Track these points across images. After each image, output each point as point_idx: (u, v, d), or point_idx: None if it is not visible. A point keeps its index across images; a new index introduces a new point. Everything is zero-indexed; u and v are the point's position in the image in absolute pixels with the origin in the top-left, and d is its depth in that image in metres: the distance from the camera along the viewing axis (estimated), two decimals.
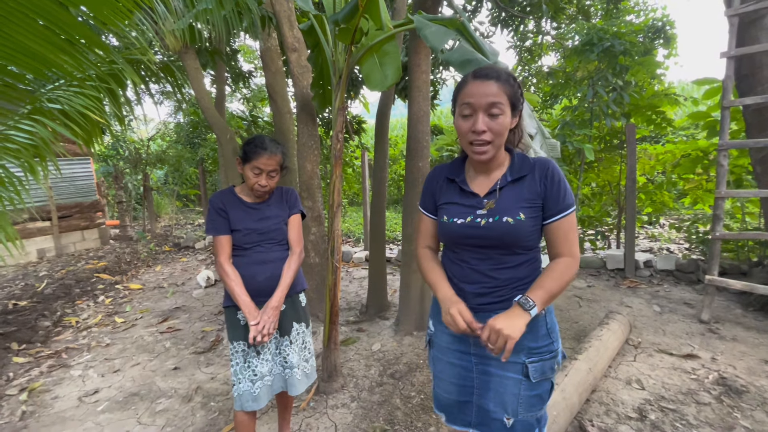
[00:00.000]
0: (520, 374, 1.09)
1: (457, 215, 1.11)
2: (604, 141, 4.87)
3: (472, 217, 1.08)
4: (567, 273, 1.04)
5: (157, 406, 2.30)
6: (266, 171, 1.54)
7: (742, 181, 4.10)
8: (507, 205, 1.06)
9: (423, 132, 2.90)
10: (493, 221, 1.05)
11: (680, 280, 4.05)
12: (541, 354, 1.10)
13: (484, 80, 1.00)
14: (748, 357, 2.53)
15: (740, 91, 3.26)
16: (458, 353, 1.18)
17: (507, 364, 1.10)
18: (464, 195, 1.13)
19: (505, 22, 6.30)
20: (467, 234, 1.09)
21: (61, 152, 2.67)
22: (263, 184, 1.55)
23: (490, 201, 1.07)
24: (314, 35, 2.20)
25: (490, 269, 1.10)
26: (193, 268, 5.54)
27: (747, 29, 3.10)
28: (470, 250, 1.12)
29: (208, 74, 7.30)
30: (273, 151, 1.54)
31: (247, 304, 1.50)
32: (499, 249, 1.08)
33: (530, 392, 1.09)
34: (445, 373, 1.21)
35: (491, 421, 1.13)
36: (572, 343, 2.78)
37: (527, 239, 1.06)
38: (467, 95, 1.02)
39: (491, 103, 0.99)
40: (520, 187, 1.08)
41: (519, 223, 1.04)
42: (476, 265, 1.11)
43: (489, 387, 1.13)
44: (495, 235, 1.05)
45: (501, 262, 1.09)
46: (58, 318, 3.77)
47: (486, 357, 1.14)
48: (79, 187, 7.01)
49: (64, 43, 1.50)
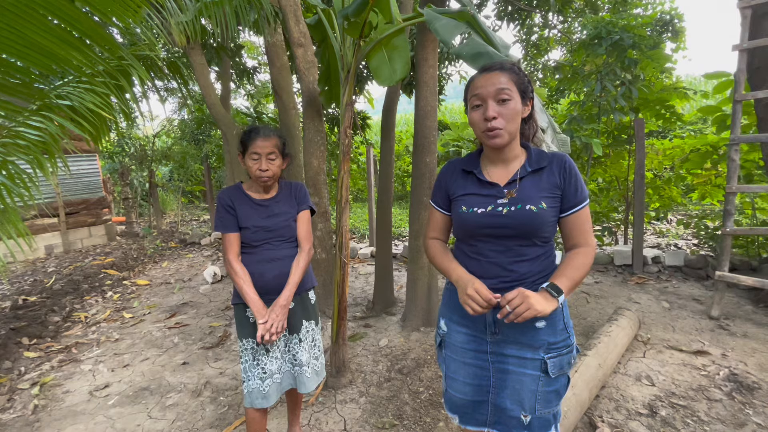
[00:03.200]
0: (539, 370, 1.09)
1: (477, 205, 1.11)
2: (612, 136, 4.82)
3: (493, 206, 1.09)
4: (587, 262, 1.06)
5: (167, 401, 2.31)
6: (264, 154, 1.52)
7: (753, 176, 4.06)
8: (529, 194, 1.07)
9: (430, 127, 2.88)
10: (515, 209, 1.06)
11: (689, 276, 4.01)
12: (559, 349, 1.10)
13: (489, 72, 1.06)
14: (759, 353, 2.50)
15: (752, 85, 3.21)
16: (474, 353, 1.17)
17: (525, 360, 1.10)
18: (483, 185, 1.13)
19: (512, 16, 6.23)
20: (488, 223, 1.09)
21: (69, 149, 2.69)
22: (264, 168, 1.53)
23: (510, 190, 1.08)
24: (321, 30, 2.19)
25: (509, 262, 1.09)
26: (200, 264, 5.57)
27: (760, 21, 3.05)
28: (489, 242, 1.11)
29: (212, 70, 7.31)
30: (267, 134, 1.54)
31: (255, 302, 1.49)
32: (518, 239, 1.08)
33: (548, 388, 1.09)
34: (459, 373, 1.20)
35: (508, 419, 1.12)
36: (581, 339, 2.77)
37: (547, 229, 1.08)
38: (475, 88, 1.07)
39: (499, 89, 1.03)
40: (539, 177, 1.09)
41: (542, 212, 1.05)
42: (494, 258, 1.10)
43: (506, 385, 1.12)
44: (517, 224, 1.06)
45: (519, 254, 1.09)
46: (67, 313, 3.80)
47: (503, 355, 1.13)
48: (85, 183, 7.06)
49: (73, 39, 1.50)
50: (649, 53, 4.34)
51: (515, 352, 1.11)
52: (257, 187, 1.62)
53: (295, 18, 2.93)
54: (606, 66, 4.36)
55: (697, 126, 8.51)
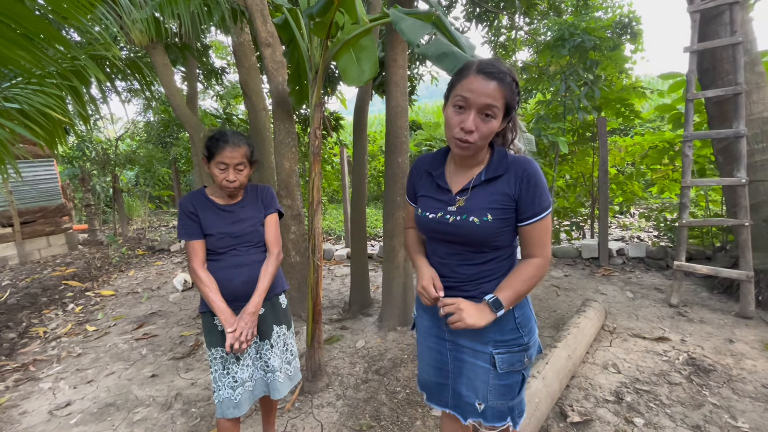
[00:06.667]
0: (488, 364, 1.12)
1: (430, 209, 1.13)
2: (577, 134, 5.00)
3: (443, 213, 1.10)
4: (537, 275, 1.05)
5: (134, 416, 2.22)
6: (232, 165, 1.46)
7: (705, 171, 4.31)
8: (475, 205, 1.06)
9: (401, 127, 2.90)
10: (460, 219, 1.06)
11: (651, 267, 4.22)
12: (508, 346, 1.11)
13: (487, 78, 0.95)
14: (714, 337, 2.66)
15: (703, 85, 3.41)
16: (435, 338, 1.23)
17: (477, 352, 1.13)
18: (439, 190, 1.14)
19: (480, 18, 6.36)
20: (436, 229, 1.12)
21: (21, 154, 2.52)
22: (231, 179, 1.47)
23: (461, 199, 1.08)
24: (289, 30, 2.16)
25: (457, 264, 1.12)
26: (169, 271, 5.37)
27: (708, 25, 3.24)
28: (441, 244, 1.15)
29: (178, 71, 7.06)
30: (236, 143, 1.46)
31: (222, 310, 1.45)
32: (467, 246, 1.09)
33: (499, 381, 1.12)
34: (424, 356, 1.27)
35: (464, 404, 1.17)
36: (551, 332, 2.86)
37: (494, 240, 1.06)
38: (466, 89, 0.97)
39: (487, 105, 0.96)
40: (492, 187, 1.06)
41: (485, 224, 1.03)
42: (444, 258, 1.14)
43: (462, 372, 1.17)
44: (462, 233, 1.07)
45: (467, 258, 1.11)
46: (23, 329, 3.58)
47: (459, 344, 1.17)
48: (42, 190, 6.65)
49: (20, 37, 1.41)
50: (609, 54, 4.53)
51: (468, 343, 1.15)
52: (222, 193, 1.56)
53: (262, 17, 2.87)
54: (570, 67, 4.52)
55: (655, 123, 8.95)
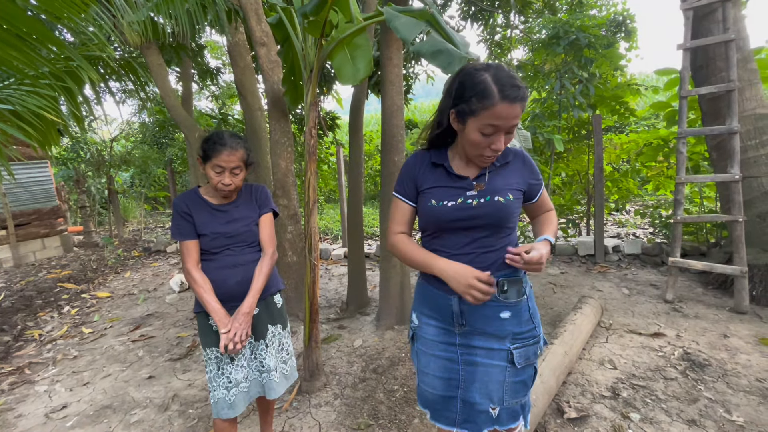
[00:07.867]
0: (505, 361, 1.12)
1: (447, 198, 1.13)
2: (572, 132, 5.02)
3: (463, 198, 1.11)
4: (557, 220, 1.28)
5: (131, 418, 2.21)
6: (228, 168, 1.45)
7: (700, 167, 4.34)
8: (497, 186, 1.13)
9: (397, 126, 2.90)
10: (484, 201, 1.10)
11: (646, 263, 4.24)
12: (524, 339, 1.13)
13: (513, 103, 0.98)
14: (708, 332, 2.68)
15: (696, 82, 3.43)
16: (443, 345, 1.18)
17: (493, 351, 1.12)
18: (452, 178, 1.14)
19: (475, 17, 6.37)
20: (458, 216, 1.11)
21: (14, 156, 2.50)
22: (227, 182, 1.46)
23: (479, 183, 1.13)
24: (283, 29, 2.15)
25: (477, 254, 1.12)
26: (165, 272, 5.35)
27: (701, 22, 3.26)
28: (457, 234, 1.13)
29: (173, 71, 7.02)
30: (233, 146, 1.45)
31: (217, 311, 1.44)
32: (487, 230, 1.12)
33: (515, 378, 1.12)
34: (429, 366, 1.19)
35: (477, 414, 1.13)
36: (548, 329, 2.87)
37: (513, 218, 1.15)
38: (496, 117, 0.99)
39: (514, 125, 1.04)
40: (504, 171, 1.16)
41: (509, 203, 1.11)
42: (461, 249, 1.12)
43: (474, 378, 1.14)
44: (486, 215, 1.10)
45: (486, 245, 1.12)
46: (18, 332, 3.55)
47: (471, 347, 1.15)
48: (36, 192, 6.61)
49: (12, 38, 1.40)
50: (604, 52, 4.56)
51: (482, 343, 1.13)
52: (216, 193, 1.55)
53: (257, 17, 2.86)
54: (564, 65, 4.54)
55: (650, 121, 9.00)
